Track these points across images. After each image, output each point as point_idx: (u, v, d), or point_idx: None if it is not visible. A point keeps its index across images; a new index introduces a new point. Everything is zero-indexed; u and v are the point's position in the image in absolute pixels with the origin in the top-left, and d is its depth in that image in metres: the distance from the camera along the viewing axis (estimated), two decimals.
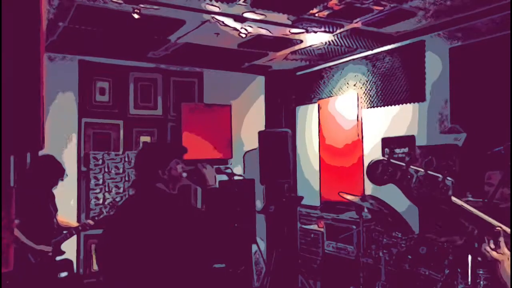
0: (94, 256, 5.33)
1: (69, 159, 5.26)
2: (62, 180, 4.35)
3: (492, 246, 1.56)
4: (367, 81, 5.33)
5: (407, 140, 4.78)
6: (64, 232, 4.29)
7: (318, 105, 6.02)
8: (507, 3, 3.70)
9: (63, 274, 4.33)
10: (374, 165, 1.53)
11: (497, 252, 1.55)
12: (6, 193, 1.14)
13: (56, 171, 4.28)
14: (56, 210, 4.32)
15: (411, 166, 1.51)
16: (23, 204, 3.82)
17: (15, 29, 1.09)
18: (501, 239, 1.55)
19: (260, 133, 6.12)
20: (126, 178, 5.51)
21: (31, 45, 1.13)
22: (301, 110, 6.49)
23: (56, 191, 4.39)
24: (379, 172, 1.51)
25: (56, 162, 4.28)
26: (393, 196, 4.51)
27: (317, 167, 6.02)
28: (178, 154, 2.59)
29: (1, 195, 1.13)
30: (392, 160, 1.51)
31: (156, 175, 2.45)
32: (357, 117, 5.38)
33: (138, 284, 2.27)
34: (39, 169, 4.14)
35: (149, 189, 2.46)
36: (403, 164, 1.51)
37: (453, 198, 1.52)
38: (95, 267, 5.36)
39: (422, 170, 1.50)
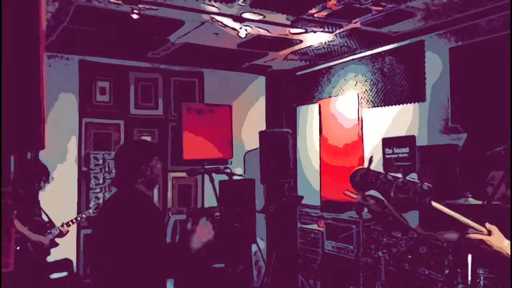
0: None
1: (69, 159, 5.27)
2: (48, 183, 4.35)
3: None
4: (367, 81, 5.33)
5: (407, 140, 4.78)
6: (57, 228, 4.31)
7: (319, 105, 6.02)
8: (507, 3, 3.70)
9: (55, 275, 4.32)
10: (355, 173, 1.60)
11: (478, 233, 1.61)
12: (6, 191, 1.15)
13: (41, 174, 4.28)
14: (40, 212, 4.32)
15: (390, 173, 1.56)
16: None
17: (15, 29, 1.09)
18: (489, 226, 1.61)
19: (260, 133, 6.12)
20: None
21: (31, 45, 1.13)
22: (301, 110, 6.49)
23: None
24: (359, 179, 1.57)
25: (41, 165, 4.29)
26: None
27: (317, 167, 6.03)
28: (160, 152, 2.55)
29: (1, 194, 1.13)
30: (371, 168, 1.57)
31: (138, 171, 2.40)
32: (358, 117, 5.39)
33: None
34: (24, 172, 4.16)
35: (128, 190, 2.41)
36: (382, 172, 1.56)
37: (433, 203, 1.57)
38: None
39: (401, 177, 1.55)
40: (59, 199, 4.51)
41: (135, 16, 3.93)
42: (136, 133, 5.74)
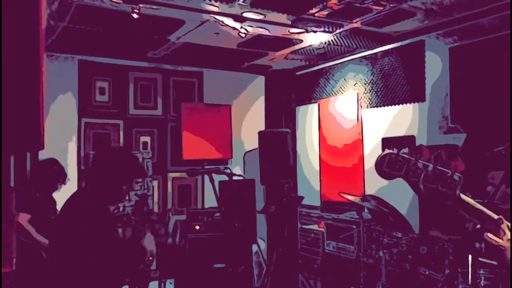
0: None
1: (69, 159, 5.27)
2: (64, 184, 4.31)
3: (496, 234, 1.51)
4: (367, 81, 5.33)
5: (407, 140, 4.77)
6: None
7: (318, 105, 6.02)
8: (507, 3, 3.69)
9: None
10: (383, 157, 1.49)
11: (502, 239, 1.51)
12: (6, 192, 1.15)
13: (57, 175, 4.24)
14: (56, 213, 4.28)
15: (420, 161, 1.47)
16: (22, 206, 3.80)
17: (15, 29, 1.09)
18: (504, 226, 1.51)
19: (260, 133, 6.12)
20: None
21: (31, 45, 1.13)
22: (301, 110, 6.48)
23: (58, 192, 4.38)
24: (387, 163, 1.47)
25: (58, 165, 4.26)
26: (394, 196, 4.51)
27: (317, 167, 6.02)
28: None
29: (1, 194, 1.13)
30: (401, 154, 1.48)
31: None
32: (357, 117, 5.38)
33: None
34: (40, 172, 4.13)
35: None
36: (413, 158, 1.46)
37: (462, 196, 1.49)
38: None
39: (431, 165, 1.46)
40: (58, 199, 4.47)
41: (135, 16, 3.93)
42: (135, 133, 5.74)
